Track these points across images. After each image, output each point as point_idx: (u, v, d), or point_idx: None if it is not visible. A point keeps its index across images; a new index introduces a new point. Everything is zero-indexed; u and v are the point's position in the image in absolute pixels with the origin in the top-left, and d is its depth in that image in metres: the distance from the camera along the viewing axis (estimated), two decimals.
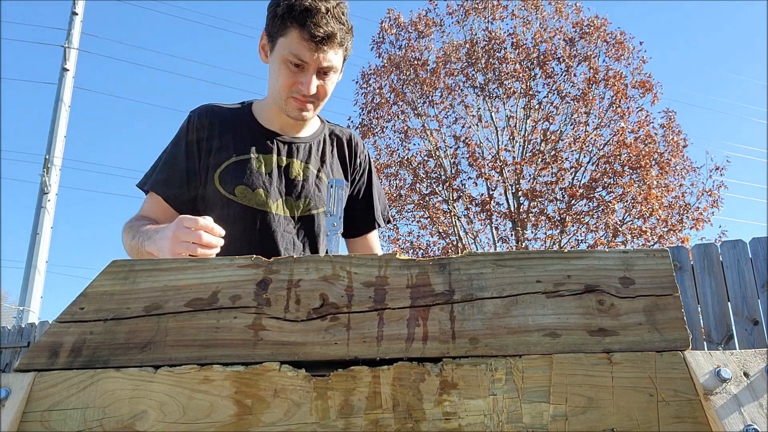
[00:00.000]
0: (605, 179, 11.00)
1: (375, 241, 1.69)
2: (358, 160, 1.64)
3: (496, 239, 11.69)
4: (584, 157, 11.42)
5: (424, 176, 12.02)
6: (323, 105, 1.51)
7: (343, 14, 1.41)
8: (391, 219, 1.83)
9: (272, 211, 1.48)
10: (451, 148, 12.13)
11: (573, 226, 11.17)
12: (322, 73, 1.43)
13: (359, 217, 1.64)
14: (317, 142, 1.59)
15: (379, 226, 1.69)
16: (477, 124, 12.14)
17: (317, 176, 1.55)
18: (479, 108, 12.13)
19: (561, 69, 11.68)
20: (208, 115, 1.54)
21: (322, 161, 1.58)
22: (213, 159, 1.50)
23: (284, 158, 1.53)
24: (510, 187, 11.71)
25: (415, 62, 12.21)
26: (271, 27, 1.43)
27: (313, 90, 1.42)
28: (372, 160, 1.71)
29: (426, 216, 11.99)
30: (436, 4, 12.84)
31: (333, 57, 1.41)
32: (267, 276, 0.84)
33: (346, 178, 1.61)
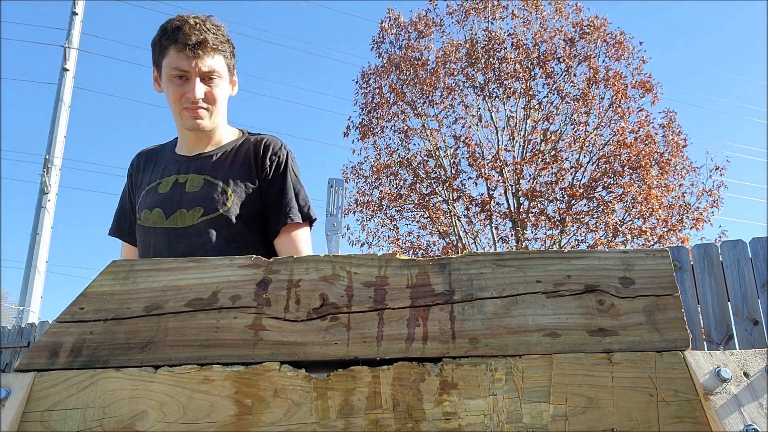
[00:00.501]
0: (605, 179, 11.00)
1: (299, 240, 1.59)
2: (267, 161, 1.61)
3: (496, 239, 11.69)
4: (584, 157, 11.42)
5: (424, 176, 12.01)
6: (219, 111, 1.60)
7: (215, 26, 1.55)
8: (313, 218, 1.66)
9: (165, 226, 1.56)
10: (451, 148, 12.13)
11: (573, 226, 11.17)
12: (207, 79, 1.54)
13: (273, 215, 1.59)
14: (222, 152, 1.63)
15: (295, 223, 1.58)
16: (477, 124, 12.14)
17: (212, 183, 1.57)
18: (479, 108, 12.13)
19: (561, 69, 11.68)
20: (137, 158, 1.76)
21: (221, 168, 1.60)
22: (137, 195, 1.68)
23: (183, 175, 1.61)
24: (510, 187, 11.71)
25: (415, 62, 12.20)
26: (154, 56, 1.58)
27: (199, 94, 1.52)
28: (291, 161, 1.65)
29: (426, 216, 11.99)
30: (436, 4, 12.83)
31: (212, 62, 1.53)
32: (267, 276, 0.84)
33: (251, 180, 1.58)
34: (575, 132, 11.55)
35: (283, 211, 1.58)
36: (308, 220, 1.63)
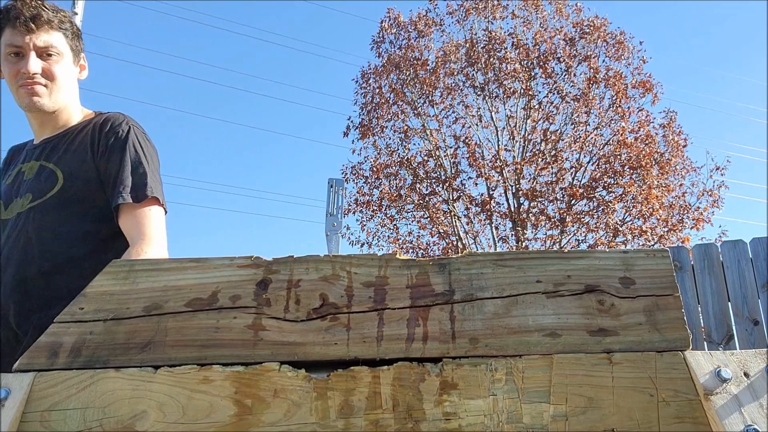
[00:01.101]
0: (605, 179, 11.01)
1: (141, 220, 1.45)
2: (103, 140, 1.51)
3: (496, 239, 11.69)
4: (584, 157, 11.43)
5: (424, 176, 12.02)
6: (60, 90, 1.52)
7: (54, 6, 1.50)
8: (150, 196, 1.47)
9: (3, 218, 1.53)
10: (451, 148, 12.13)
11: (573, 226, 11.17)
12: (45, 55, 1.48)
13: (109, 196, 1.48)
14: (62, 135, 1.56)
15: (135, 203, 1.46)
16: (477, 124, 12.15)
17: (44, 168, 1.52)
18: (479, 108, 12.14)
19: (561, 69, 11.68)
20: (7, 154, 1.72)
21: (57, 150, 1.54)
22: None
23: (26, 164, 1.57)
24: (510, 187, 11.71)
25: (415, 62, 12.20)
26: None
27: (34, 68, 1.45)
28: (133, 136, 1.53)
29: (426, 216, 11.99)
30: (436, 4, 12.84)
31: (48, 38, 1.47)
32: (267, 276, 0.83)
33: (86, 160, 1.50)
34: (575, 132, 11.56)
35: (116, 190, 1.45)
36: (143, 200, 1.45)
